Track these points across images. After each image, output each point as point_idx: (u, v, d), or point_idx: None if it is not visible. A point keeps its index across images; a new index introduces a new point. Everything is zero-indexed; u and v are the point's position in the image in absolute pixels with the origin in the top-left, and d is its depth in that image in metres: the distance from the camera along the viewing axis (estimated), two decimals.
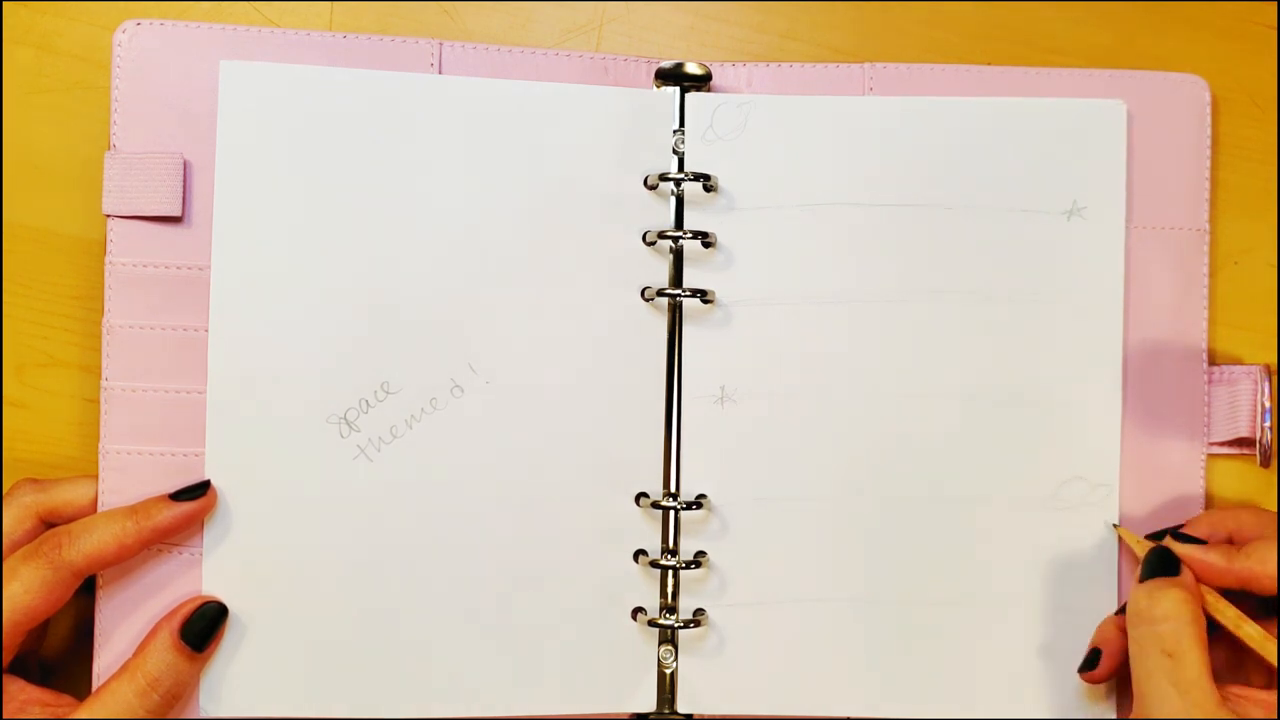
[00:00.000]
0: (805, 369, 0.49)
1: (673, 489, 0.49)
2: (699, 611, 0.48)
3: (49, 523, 0.46)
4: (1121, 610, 0.48)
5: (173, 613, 0.45)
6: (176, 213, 0.47)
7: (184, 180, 0.47)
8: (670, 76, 0.49)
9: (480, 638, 0.48)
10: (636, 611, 0.48)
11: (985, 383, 0.49)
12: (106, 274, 0.47)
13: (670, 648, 0.48)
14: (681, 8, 0.52)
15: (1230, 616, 0.44)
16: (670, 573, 0.48)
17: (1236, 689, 0.44)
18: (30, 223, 0.49)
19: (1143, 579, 0.45)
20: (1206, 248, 0.51)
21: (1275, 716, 0.42)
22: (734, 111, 0.49)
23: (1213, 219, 0.51)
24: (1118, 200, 0.50)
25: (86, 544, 0.44)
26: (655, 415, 0.49)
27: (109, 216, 0.47)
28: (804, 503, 0.49)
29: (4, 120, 0.50)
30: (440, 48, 0.49)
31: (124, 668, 0.44)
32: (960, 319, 0.49)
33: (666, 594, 0.48)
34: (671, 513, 0.48)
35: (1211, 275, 0.51)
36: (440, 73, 0.49)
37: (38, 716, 0.44)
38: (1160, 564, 0.45)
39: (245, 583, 0.47)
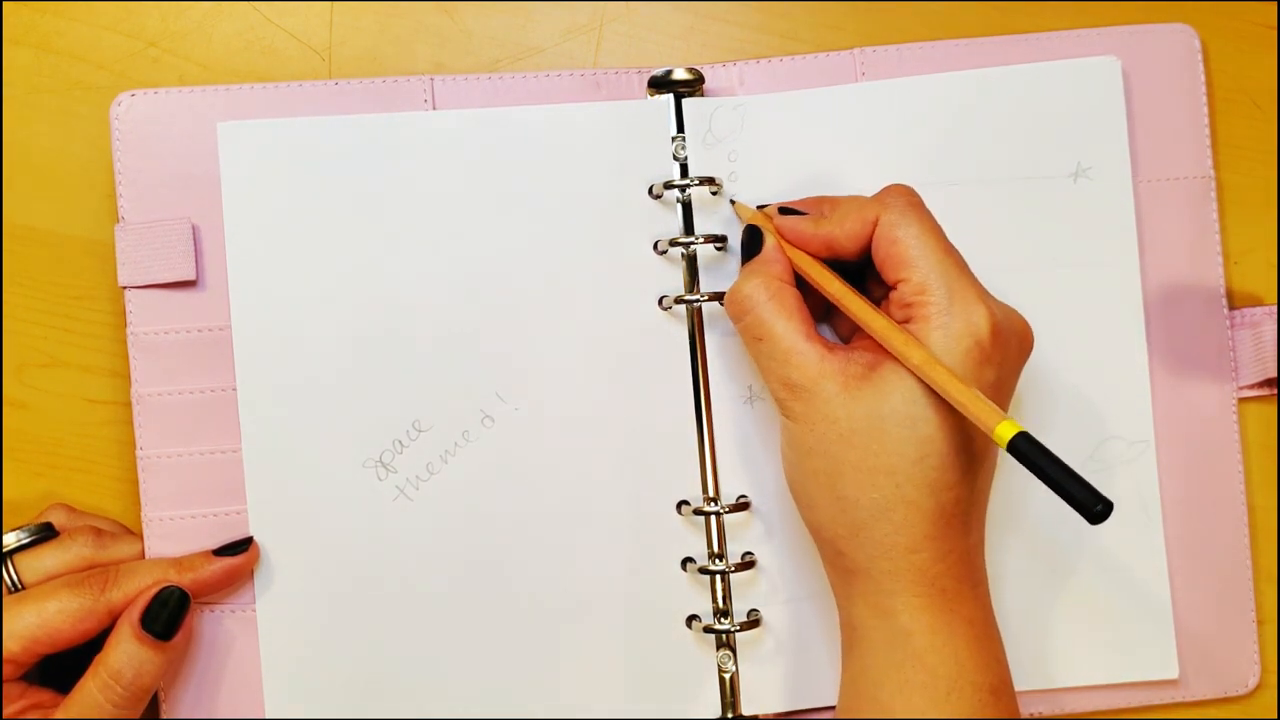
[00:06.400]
0: None
1: (712, 493, 0.49)
2: (753, 613, 0.49)
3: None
4: None
5: (133, 604, 0.45)
6: (191, 277, 0.47)
7: (195, 244, 0.48)
8: (662, 84, 0.49)
9: (536, 662, 0.48)
10: (691, 619, 0.49)
11: None
12: (129, 345, 0.47)
13: (728, 652, 0.49)
14: (681, 8, 0.52)
15: (815, 278, 0.44)
16: (720, 577, 0.49)
17: (853, 343, 0.44)
18: (30, 223, 0.50)
19: (741, 264, 0.46)
20: (1214, 193, 0.51)
21: (877, 359, 0.42)
22: (730, 113, 0.49)
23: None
24: (1122, 157, 0.50)
25: (129, 585, 0.45)
26: (687, 422, 0.49)
27: (125, 288, 0.47)
28: None
29: (4, 120, 0.50)
30: (432, 83, 0.49)
31: (91, 664, 0.44)
32: None
33: (718, 599, 0.49)
34: (714, 517, 0.49)
35: (1221, 218, 0.51)
36: (434, 108, 0.49)
37: (30, 716, 0.44)
38: (748, 245, 0.46)
39: (302, 632, 0.47)
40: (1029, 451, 0.38)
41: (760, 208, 0.47)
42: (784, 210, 0.45)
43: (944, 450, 0.40)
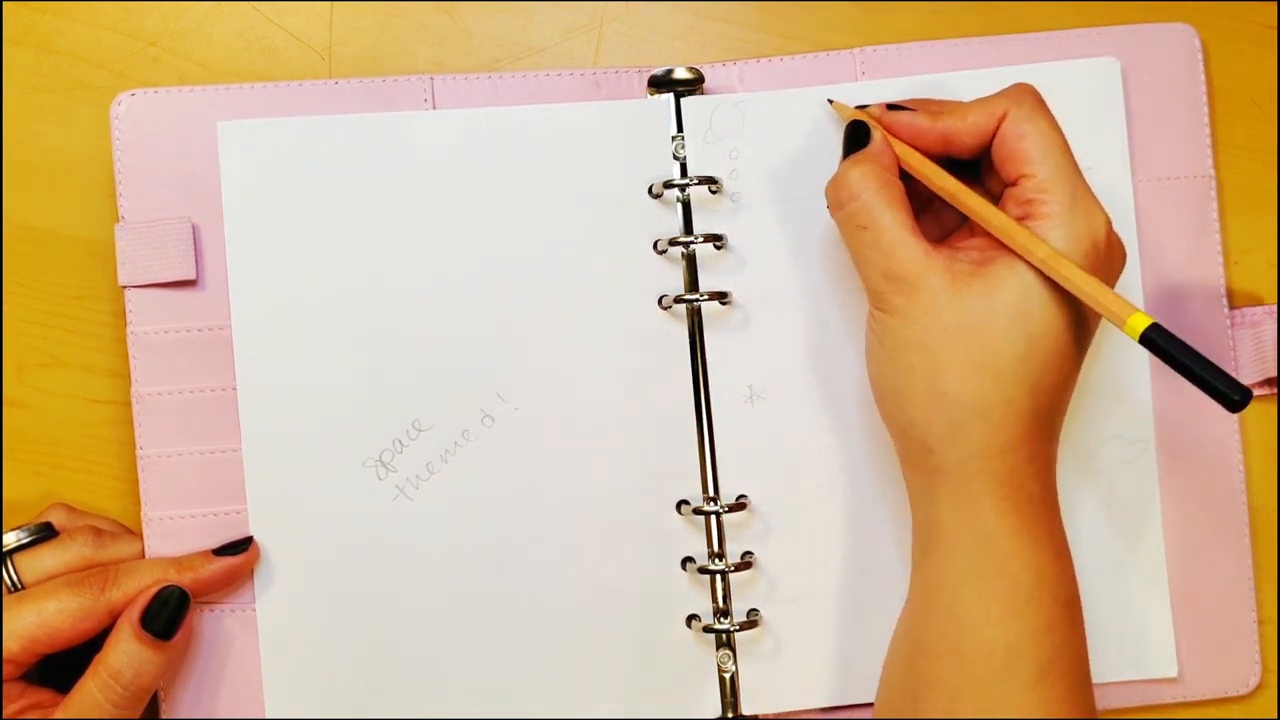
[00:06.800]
0: (831, 358, 0.49)
1: (712, 493, 0.49)
2: (753, 612, 0.49)
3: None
4: None
5: (133, 604, 0.45)
6: (191, 276, 0.47)
7: (194, 243, 0.48)
8: (663, 83, 0.49)
9: (537, 662, 0.48)
10: (691, 619, 0.49)
11: None
12: (129, 344, 0.47)
13: (728, 651, 0.49)
14: (681, 8, 0.52)
15: (928, 174, 0.44)
16: (720, 577, 0.49)
17: (956, 242, 0.44)
18: (30, 223, 0.50)
19: (842, 158, 0.45)
20: (1214, 193, 0.51)
21: (986, 255, 0.42)
22: (731, 111, 0.49)
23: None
24: (1122, 157, 0.50)
25: (129, 584, 0.45)
26: (687, 422, 0.49)
27: (125, 288, 0.47)
28: (844, 492, 0.49)
29: (4, 120, 0.50)
30: (432, 83, 0.49)
31: (91, 664, 0.44)
32: None
33: (718, 598, 0.49)
34: (714, 517, 0.49)
35: (1221, 218, 0.51)
36: (434, 107, 0.49)
37: (30, 716, 0.44)
38: (854, 139, 0.45)
39: (302, 632, 0.47)
40: (1163, 342, 0.38)
41: (860, 107, 0.46)
42: (892, 107, 0.45)
43: (1050, 350, 0.40)
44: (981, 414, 0.40)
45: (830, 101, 0.48)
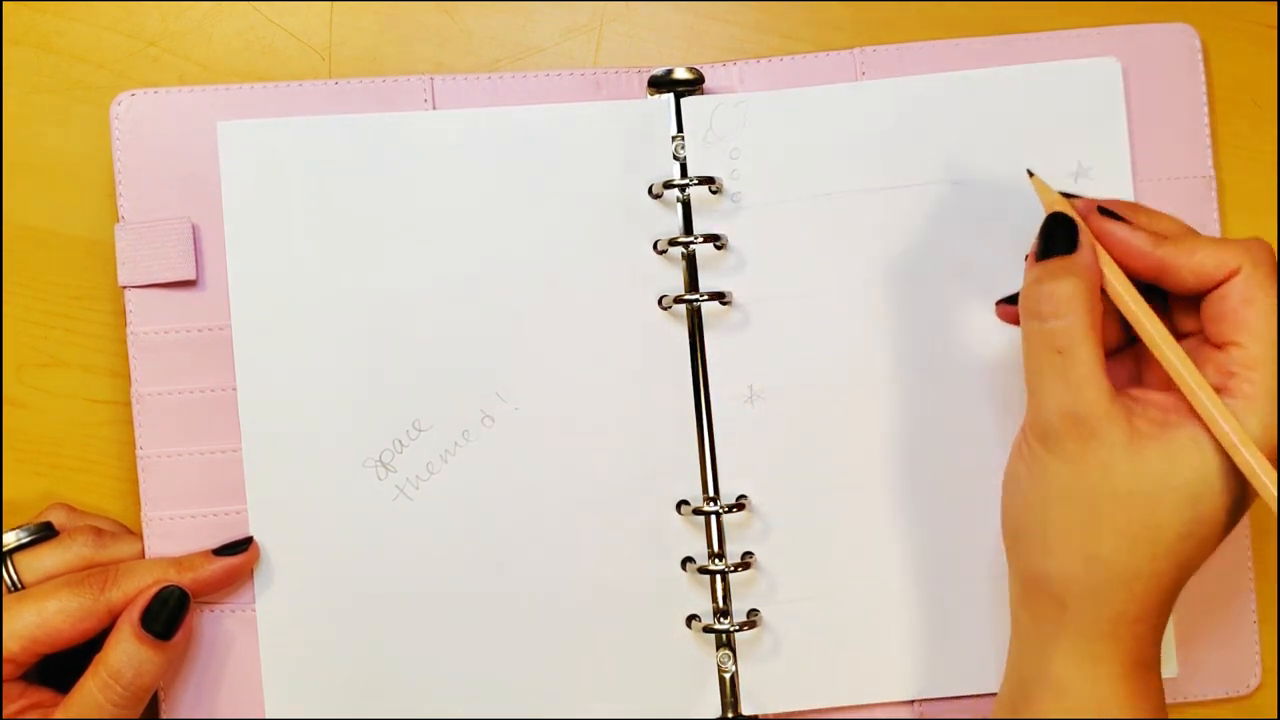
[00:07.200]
0: (831, 358, 0.49)
1: (712, 493, 0.49)
2: (752, 613, 0.49)
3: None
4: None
5: (133, 604, 0.45)
6: (191, 276, 0.48)
7: (194, 244, 0.48)
8: (663, 84, 0.49)
9: (536, 662, 0.48)
10: (691, 619, 0.49)
11: (1012, 355, 0.49)
12: (129, 344, 0.47)
13: (728, 652, 0.49)
14: (681, 8, 0.52)
15: (1138, 315, 0.40)
16: (719, 577, 0.49)
17: (1135, 391, 0.40)
18: (30, 223, 0.50)
19: (1039, 256, 0.40)
20: (1214, 193, 0.51)
21: (1170, 419, 0.38)
22: (731, 111, 0.49)
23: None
24: (1122, 157, 0.50)
25: (129, 584, 0.45)
26: (687, 422, 0.49)
27: (125, 288, 0.47)
28: (844, 492, 0.49)
29: (4, 120, 0.50)
30: (432, 83, 0.49)
31: (91, 664, 0.44)
32: (982, 293, 0.49)
33: (718, 599, 0.49)
34: (714, 517, 0.49)
35: (1221, 218, 0.51)
36: (434, 107, 0.49)
37: (30, 716, 0.44)
38: (1058, 237, 0.40)
39: (302, 632, 0.47)
40: None
41: (1067, 195, 0.41)
42: (1104, 211, 0.40)
43: (1209, 533, 0.38)
44: (1127, 583, 0.38)
45: (1030, 174, 0.42)
